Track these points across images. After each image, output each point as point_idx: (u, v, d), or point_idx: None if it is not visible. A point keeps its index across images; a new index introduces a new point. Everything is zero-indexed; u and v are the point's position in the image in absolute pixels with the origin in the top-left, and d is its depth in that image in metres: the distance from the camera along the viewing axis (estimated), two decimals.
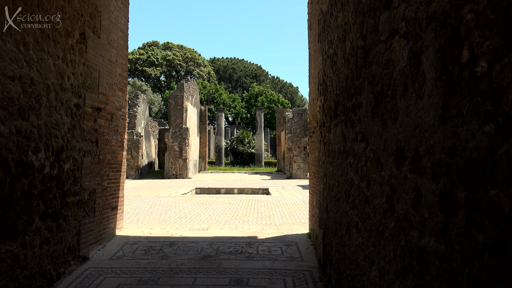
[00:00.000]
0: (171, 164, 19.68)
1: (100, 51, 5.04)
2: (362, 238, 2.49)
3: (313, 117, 5.30)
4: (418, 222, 1.64)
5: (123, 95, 5.86)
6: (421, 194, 1.62)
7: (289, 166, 19.73)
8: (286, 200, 10.41)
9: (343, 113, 3.14)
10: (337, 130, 3.41)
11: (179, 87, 20.09)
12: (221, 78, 56.25)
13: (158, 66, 48.53)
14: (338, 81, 3.36)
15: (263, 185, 15.36)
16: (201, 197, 11.47)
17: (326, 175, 4.04)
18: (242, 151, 32.90)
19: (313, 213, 5.37)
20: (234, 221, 7.15)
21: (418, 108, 1.66)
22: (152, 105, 41.98)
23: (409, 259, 1.73)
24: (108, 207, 5.36)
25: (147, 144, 23.42)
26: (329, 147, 3.89)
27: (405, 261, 1.77)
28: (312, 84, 5.51)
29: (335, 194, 3.49)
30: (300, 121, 19.59)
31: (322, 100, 4.41)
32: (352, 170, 2.82)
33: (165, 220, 7.25)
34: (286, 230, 6.24)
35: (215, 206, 9.18)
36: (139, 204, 9.61)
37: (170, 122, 19.82)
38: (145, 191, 13.12)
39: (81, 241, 4.47)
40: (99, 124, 5.02)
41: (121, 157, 5.78)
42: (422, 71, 1.63)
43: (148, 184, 15.86)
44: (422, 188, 1.61)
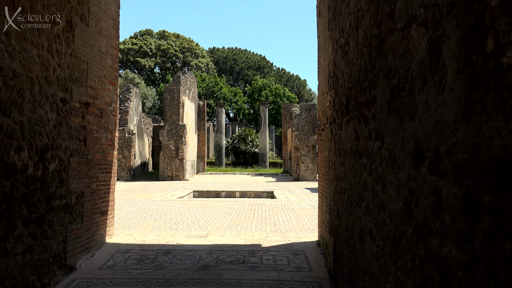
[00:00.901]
0: (167, 164, 19.73)
1: (88, 40, 5.06)
2: (377, 246, 2.49)
3: (323, 113, 5.30)
4: (439, 229, 1.64)
5: (114, 89, 5.88)
6: (442, 198, 1.62)
7: (296, 167, 19.72)
8: (293, 205, 10.42)
9: (356, 109, 3.14)
10: (349, 127, 3.41)
11: (175, 80, 20.12)
12: (221, 70, 56.29)
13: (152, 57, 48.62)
14: (350, 73, 3.36)
15: (268, 188, 15.36)
16: (200, 201, 11.49)
17: (337, 177, 4.04)
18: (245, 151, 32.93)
19: (322, 218, 5.37)
20: (235, 227, 7.16)
21: (438, 103, 1.66)
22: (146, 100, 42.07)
23: (428, 270, 1.73)
24: (97, 211, 5.38)
25: (140, 142, 23.49)
26: (340, 146, 3.89)
27: (424, 272, 1.77)
28: (321, 77, 5.51)
29: (347, 198, 3.49)
30: (309, 117, 19.57)
31: (332, 95, 4.41)
32: (365, 172, 2.81)
33: (160, 226, 7.27)
34: (293, 238, 6.25)
35: (214, 211, 9.20)
36: (131, 208, 9.65)
37: (165, 118, 19.86)
38: (138, 194, 13.16)
39: (67, 249, 4.49)
40: (88, 120, 5.05)
41: (111, 157, 5.80)
42: (443, 62, 1.63)
43: (141, 187, 15.91)
44: (443, 191, 1.61)
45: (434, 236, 1.68)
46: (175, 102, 19.84)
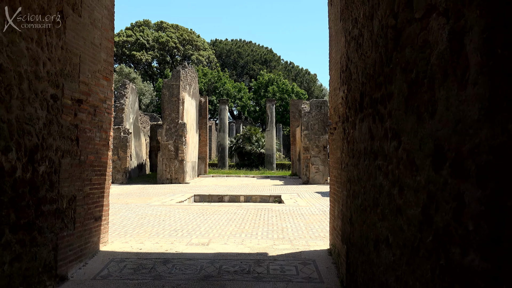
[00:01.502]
0: (165, 166, 19.79)
1: (81, 32, 5.09)
2: (394, 255, 2.49)
3: (335, 110, 5.29)
4: (461, 237, 1.64)
5: (108, 85, 5.91)
6: (464, 203, 1.61)
7: (306, 169, 19.71)
8: (302, 210, 10.42)
9: (371, 106, 3.14)
10: (363, 126, 3.40)
11: (175, 74, 20.18)
12: (225, 64, 56.36)
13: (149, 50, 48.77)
14: (365, 67, 3.35)
15: (275, 192, 15.36)
16: (201, 205, 11.52)
17: (350, 179, 4.04)
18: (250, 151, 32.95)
19: (334, 225, 5.37)
20: (240, 234, 7.17)
21: (460, 99, 1.66)
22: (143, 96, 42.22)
23: (450, 281, 1.72)
24: (90, 217, 5.41)
25: (137, 142, 23.58)
26: (353, 146, 3.88)
27: (445, 283, 1.77)
28: (333, 71, 5.50)
29: (361, 202, 3.49)
30: (319, 115, 19.55)
31: (345, 90, 4.41)
32: (381, 174, 2.81)
33: (158, 233, 7.30)
34: (302, 246, 6.25)
35: (217, 217, 9.22)
36: (127, 214, 9.69)
37: (164, 116, 19.92)
38: (135, 198, 13.22)
39: (58, 258, 4.52)
40: (80, 119, 5.07)
41: (105, 158, 5.83)
42: (465, 55, 1.62)
43: (138, 190, 15.97)
44: (465, 195, 1.61)
45: (456, 244, 1.67)
46: (175, 98, 19.90)
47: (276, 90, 46.43)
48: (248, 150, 33.00)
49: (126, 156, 20.00)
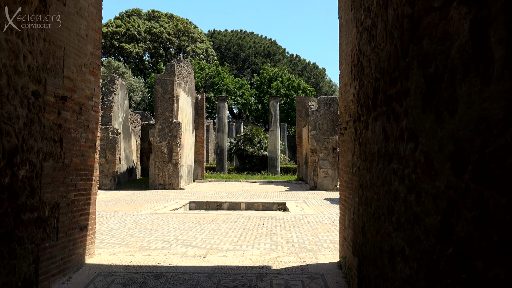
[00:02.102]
0: (158, 170, 19.81)
1: (65, 22, 5.11)
2: (410, 269, 2.49)
3: (345, 108, 5.30)
4: (485, 248, 1.63)
5: (95, 80, 5.93)
6: (489, 211, 1.61)
7: (313, 174, 19.71)
8: (309, 219, 10.42)
9: (385, 103, 3.14)
10: (377, 126, 3.40)
11: (169, 69, 20.22)
12: (224, 58, 56.43)
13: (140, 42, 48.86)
14: (378, 61, 3.35)
15: (279, 199, 15.36)
16: (197, 214, 11.52)
17: (362, 185, 4.04)
18: (251, 154, 32.98)
19: (345, 235, 5.36)
20: (240, 245, 7.17)
21: (483, 96, 1.66)
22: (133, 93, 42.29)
23: None
24: (75, 226, 5.42)
25: (127, 144, 23.61)
26: (366, 148, 3.88)
27: None
28: (343, 65, 5.50)
29: (374, 210, 3.48)
30: (328, 113, 19.55)
31: (356, 86, 4.41)
32: (396, 179, 2.81)
33: (150, 244, 7.31)
34: (309, 258, 6.24)
35: (215, 226, 9.22)
36: (116, 223, 9.70)
37: (157, 115, 19.95)
38: (124, 206, 13.23)
39: (40, 272, 4.52)
40: (64, 117, 5.08)
41: (92, 161, 5.84)
42: (489, 47, 1.62)
43: (127, 197, 15.99)
44: (489, 202, 1.61)
45: (479, 256, 1.67)
46: (168, 95, 19.93)
47: (280, 86, 46.46)
48: (250, 153, 33.02)
49: (114, 159, 20.03)
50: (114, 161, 20.02)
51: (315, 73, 57.02)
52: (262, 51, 56.77)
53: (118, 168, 21.12)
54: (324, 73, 57.86)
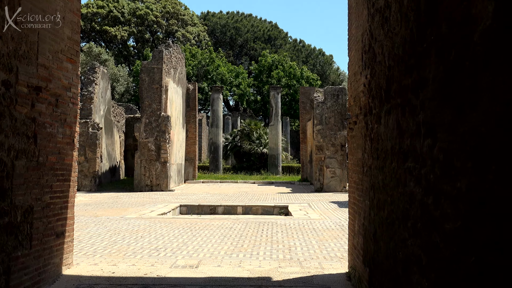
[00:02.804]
0: (144, 170, 19.80)
1: (40, 3, 5.09)
2: (428, 280, 2.49)
3: (355, 100, 5.29)
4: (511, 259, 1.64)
5: (73, 68, 5.91)
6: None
7: (319, 173, 19.71)
8: (314, 224, 10.42)
9: (399, 95, 3.14)
10: (390, 120, 3.40)
11: (156, 56, 20.19)
12: (218, 43, 56.33)
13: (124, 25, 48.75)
14: (392, 47, 3.35)
15: (280, 202, 15.36)
16: (189, 218, 11.52)
17: (374, 186, 4.04)
18: (249, 151, 32.93)
19: (354, 243, 5.37)
20: (237, 254, 7.18)
21: (509, 86, 1.66)
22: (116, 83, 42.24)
23: None
24: (51, 233, 5.41)
25: (109, 140, 23.60)
26: (378, 145, 3.88)
27: None
28: (353, 52, 5.50)
29: (387, 214, 3.49)
30: (336, 106, 19.54)
31: (368, 75, 4.41)
32: (412, 179, 2.81)
33: (136, 252, 7.30)
34: (314, 269, 6.25)
35: (209, 232, 9.22)
36: (96, 229, 9.70)
37: (143, 107, 19.93)
38: (106, 210, 13.22)
39: (11, 284, 4.52)
40: (39, 110, 5.07)
41: (70, 160, 5.83)
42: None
43: (110, 200, 15.98)
44: None
45: (505, 268, 1.68)
46: (156, 85, 19.90)
47: (282, 75, 46.40)
48: (248, 150, 32.97)
49: (95, 157, 20.01)
50: (95, 159, 20.01)
51: (321, 60, 56.94)
52: (262, 35, 56.68)
53: (99, 168, 21.10)
54: (331, 60, 57.80)
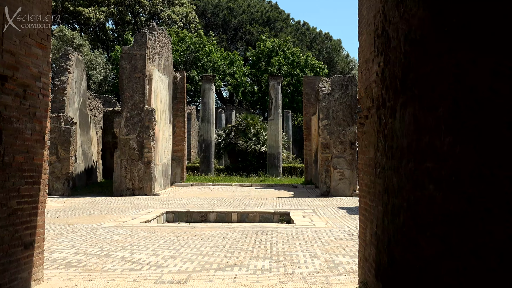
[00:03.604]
0: (125, 171, 19.76)
1: None
2: None
3: (366, 91, 5.29)
4: None
5: (44, 55, 5.90)
6: None
7: (326, 175, 19.69)
8: (320, 233, 10.41)
9: (417, 85, 3.14)
10: (407, 114, 3.40)
11: (139, 40, 20.14)
12: (210, 25, 56.25)
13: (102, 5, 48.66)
14: (409, 30, 3.35)
15: (281, 207, 15.35)
16: (176, 227, 11.50)
17: (388, 189, 4.04)
18: (246, 150, 32.89)
19: (365, 254, 5.37)
20: (231, 267, 7.17)
21: None
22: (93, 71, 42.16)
23: None
24: (18, 243, 5.40)
25: (85, 137, 23.56)
26: (392, 143, 3.88)
27: None
28: (364, 36, 5.49)
29: (403, 222, 3.49)
30: (345, 97, 19.51)
31: (381, 63, 4.40)
32: (431, 182, 2.81)
33: (115, 266, 7.29)
34: (320, 284, 6.25)
35: (199, 243, 9.20)
36: (70, 239, 9.67)
37: (124, 99, 19.89)
38: (81, 217, 13.20)
39: None
40: (4, 103, 5.06)
41: (40, 159, 5.82)
42: None
43: (86, 205, 15.95)
44: None
45: None
46: (138, 74, 19.85)
47: (283, 63, 46.37)
48: (244, 148, 32.93)
49: (69, 156, 19.97)
50: (68, 159, 19.96)
51: (328, 45, 56.91)
52: (260, 17, 56.61)
53: (74, 169, 21.08)
54: (339, 45, 57.78)
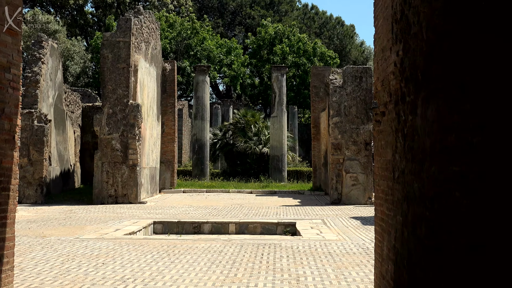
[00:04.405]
0: (107, 175, 19.74)
1: None
2: None
3: (383, 84, 5.29)
4: None
5: (14, 42, 5.90)
6: None
7: (337, 180, 19.66)
8: (330, 247, 10.40)
9: (441, 77, 3.14)
10: (430, 110, 3.40)
11: (122, 26, 20.13)
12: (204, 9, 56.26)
13: None
14: (432, 14, 3.35)
15: (286, 217, 15.33)
16: (165, 240, 11.48)
17: (408, 196, 4.04)
18: (245, 151, 32.85)
19: (382, 271, 5.37)
20: (228, 286, 7.15)
21: None
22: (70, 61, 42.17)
23: None
24: None
25: (60, 137, 23.55)
26: (413, 143, 3.88)
27: None
28: (380, 21, 5.50)
29: (426, 233, 3.49)
30: (358, 91, 19.49)
31: (400, 52, 4.40)
32: (458, 188, 2.81)
33: (96, 284, 7.29)
34: None
35: (191, 258, 9.19)
36: (44, 253, 9.67)
37: (105, 93, 19.88)
38: (57, 228, 13.18)
39: None
40: None
41: (9, 162, 5.82)
42: None
43: (62, 215, 15.92)
44: None
45: None
46: (122, 65, 19.84)
47: (288, 51, 46.35)
48: (243, 149, 32.90)
49: (42, 158, 19.94)
50: (42, 162, 19.93)
51: (340, 32, 56.91)
52: None
53: (48, 173, 21.06)
54: (352, 32, 57.80)
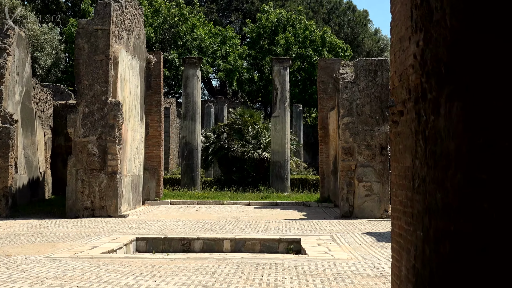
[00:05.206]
0: (82, 184, 19.73)
1: None
2: None
3: (401, 79, 5.30)
4: None
5: None
6: None
7: (348, 190, 19.66)
8: (340, 267, 10.39)
9: (467, 71, 3.15)
10: (455, 109, 3.41)
11: (101, 11, 20.15)
12: None
13: None
14: None
15: (289, 233, 15.35)
16: (150, 259, 11.48)
17: (430, 208, 4.05)
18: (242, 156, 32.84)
19: None
20: None
21: None
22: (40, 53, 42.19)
23: None
24: None
25: (28, 140, 23.56)
26: (435, 147, 3.89)
27: None
28: (398, 6, 5.51)
29: (450, 251, 3.50)
30: (373, 87, 19.49)
31: (420, 42, 4.42)
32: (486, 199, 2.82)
33: None
34: None
35: (180, 280, 9.19)
36: (9, 275, 9.66)
37: (81, 90, 19.89)
38: (24, 246, 13.18)
39: None
40: None
41: None
42: None
43: (30, 230, 15.92)
44: None
45: None
46: (100, 57, 19.86)
47: (292, 41, 46.39)
48: (239, 154, 32.89)
49: (7, 165, 19.96)
50: (7, 168, 19.95)
51: (351, 18, 56.97)
52: None
53: (14, 181, 21.08)
54: (365, 18, 57.85)
